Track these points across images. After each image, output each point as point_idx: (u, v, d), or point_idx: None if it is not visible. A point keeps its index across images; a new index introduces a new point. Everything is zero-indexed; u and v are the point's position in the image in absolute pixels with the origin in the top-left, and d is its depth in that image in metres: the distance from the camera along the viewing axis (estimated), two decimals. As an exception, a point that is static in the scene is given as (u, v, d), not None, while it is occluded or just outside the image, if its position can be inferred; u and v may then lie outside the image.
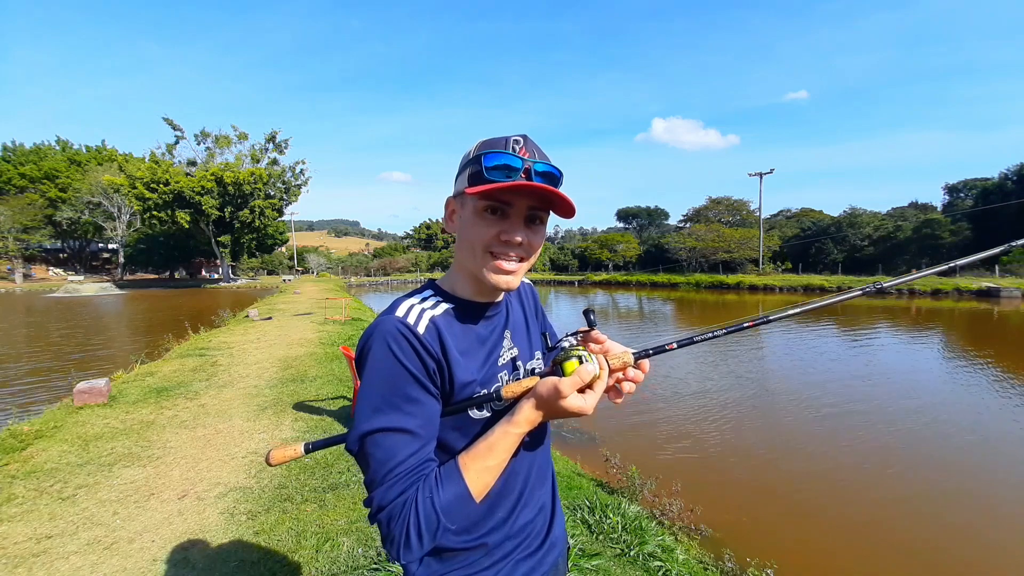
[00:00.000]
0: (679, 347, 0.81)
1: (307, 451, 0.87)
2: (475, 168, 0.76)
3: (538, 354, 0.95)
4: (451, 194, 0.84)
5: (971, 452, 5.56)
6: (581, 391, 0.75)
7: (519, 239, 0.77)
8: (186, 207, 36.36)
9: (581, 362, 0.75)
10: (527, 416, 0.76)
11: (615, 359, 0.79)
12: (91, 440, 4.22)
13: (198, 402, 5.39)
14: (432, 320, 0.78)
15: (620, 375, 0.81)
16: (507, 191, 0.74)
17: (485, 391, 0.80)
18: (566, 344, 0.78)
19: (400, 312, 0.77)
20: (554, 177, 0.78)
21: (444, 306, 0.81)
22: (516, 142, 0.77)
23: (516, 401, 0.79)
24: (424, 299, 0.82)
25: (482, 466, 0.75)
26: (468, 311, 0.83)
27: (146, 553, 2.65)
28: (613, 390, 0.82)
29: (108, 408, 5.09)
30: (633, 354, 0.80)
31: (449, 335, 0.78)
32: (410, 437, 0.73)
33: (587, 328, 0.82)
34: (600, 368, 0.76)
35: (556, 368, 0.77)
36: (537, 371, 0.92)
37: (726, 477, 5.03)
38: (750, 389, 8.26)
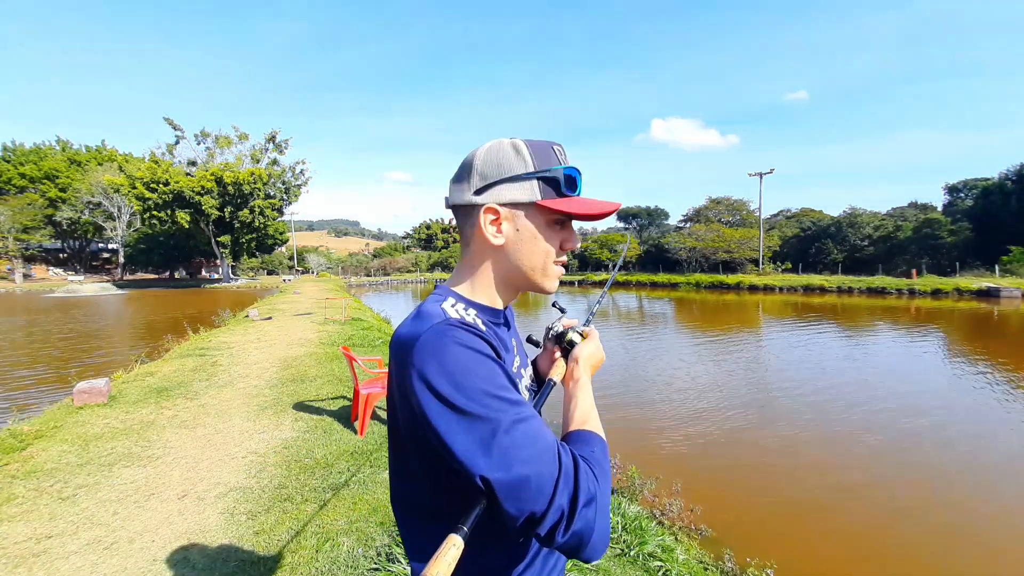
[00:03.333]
0: (591, 317, 1.09)
1: (465, 538, 0.61)
2: (550, 179, 0.76)
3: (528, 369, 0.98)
4: (490, 201, 0.76)
5: (974, 453, 5.56)
6: None
7: (578, 245, 0.83)
8: (186, 207, 36.37)
9: (581, 336, 0.96)
10: (584, 374, 0.87)
11: (581, 329, 1.02)
12: (91, 440, 4.22)
13: (198, 402, 5.39)
14: (475, 319, 0.76)
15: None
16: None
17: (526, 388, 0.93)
18: (559, 328, 0.99)
19: (450, 313, 0.72)
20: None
21: (472, 311, 0.77)
22: (560, 150, 0.79)
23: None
24: (454, 304, 0.76)
25: (595, 422, 0.78)
26: (490, 317, 0.81)
27: (146, 553, 2.65)
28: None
29: (108, 408, 5.09)
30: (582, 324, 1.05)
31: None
32: (539, 420, 0.67)
33: (561, 314, 1.06)
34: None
35: (566, 345, 0.96)
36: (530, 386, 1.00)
37: (726, 477, 5.03)
38: (750, 390, 8.26)
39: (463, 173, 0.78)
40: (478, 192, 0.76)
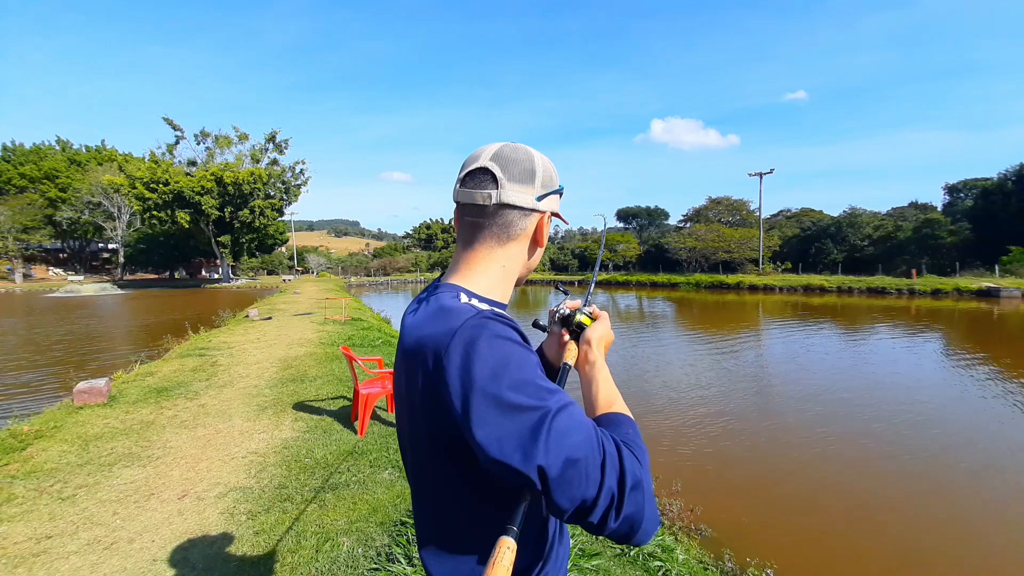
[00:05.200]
0: (591, 294, 1.07)
1: (516, 538, 0.61)
2: (557, 196, 0.85)
3: None
4: (544, 208, 0.82)
5: (974, 452, 5.56)
6: None
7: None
8: (186, 207, 36.35)
9: (589, 317, 0.96)
10: (599, 356, 0.88)
11: (589, 310, 1.00)
12: (91, 440, 4.22)
13: (198, 402, 5.39)
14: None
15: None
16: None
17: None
18: (565, 311, 0.98)
19: (479, 306, 0.71)
20: None
21: (485, 306, 0.75)
22: None
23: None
24: (469, 300, 0.75)
25: (620, 403, 0.79)
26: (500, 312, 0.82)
27: (146, 553, 2.65)
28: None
29: (108, 408, 5.09)
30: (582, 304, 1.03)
31: None
32: (578, 405, 0.66)
33: (565, 296, 1.05)
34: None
35: (575, 327, 0.95)
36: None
37: (726, 477, 5.04)
38: (750, 390, 8.26)
39: (523, 175, 0.78)
40: (540, 198, 0.81)
